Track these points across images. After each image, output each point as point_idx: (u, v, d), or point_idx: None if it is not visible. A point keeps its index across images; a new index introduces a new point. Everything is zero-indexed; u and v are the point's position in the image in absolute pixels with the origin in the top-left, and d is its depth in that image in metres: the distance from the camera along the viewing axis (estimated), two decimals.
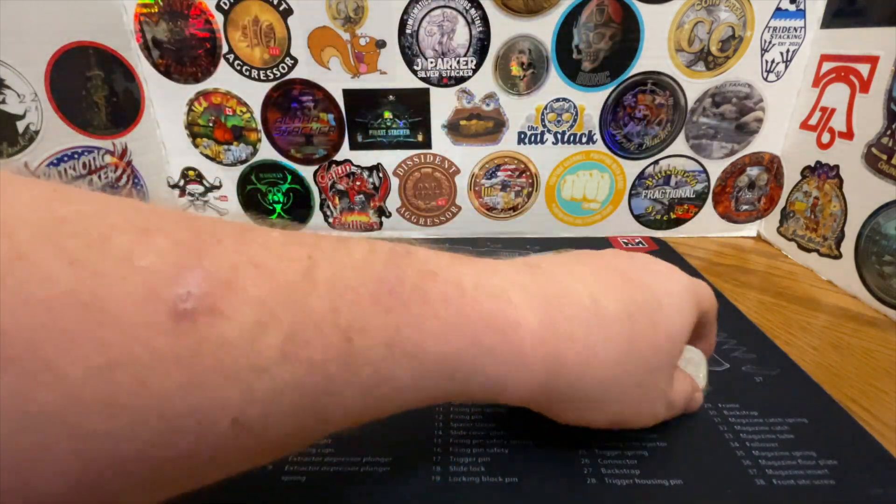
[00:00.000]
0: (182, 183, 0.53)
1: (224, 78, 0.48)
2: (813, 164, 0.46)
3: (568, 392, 0.20)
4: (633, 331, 0.20)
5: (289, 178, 0.52)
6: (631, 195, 0.53)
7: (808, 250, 0.46)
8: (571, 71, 0.47)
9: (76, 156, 0.42)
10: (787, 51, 0.46)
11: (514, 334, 0.18)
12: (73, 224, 0.12)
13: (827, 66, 0.44)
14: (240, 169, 0.52)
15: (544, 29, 0.45)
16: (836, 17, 0.43)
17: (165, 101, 0.49)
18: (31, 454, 0.11)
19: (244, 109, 0.49)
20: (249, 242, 0.14)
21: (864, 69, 0.40)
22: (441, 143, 0.50)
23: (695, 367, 0.27)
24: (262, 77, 0.48)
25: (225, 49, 0.47)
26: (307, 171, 0.52)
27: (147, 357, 0.12)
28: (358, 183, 0.52)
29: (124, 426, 0.12)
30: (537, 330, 0.19)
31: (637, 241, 0.52)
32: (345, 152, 0.51)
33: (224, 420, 0.13)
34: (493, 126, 0.50)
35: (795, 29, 0.45)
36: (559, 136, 0.50)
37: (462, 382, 0.18)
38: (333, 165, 0.52)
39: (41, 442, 0.11)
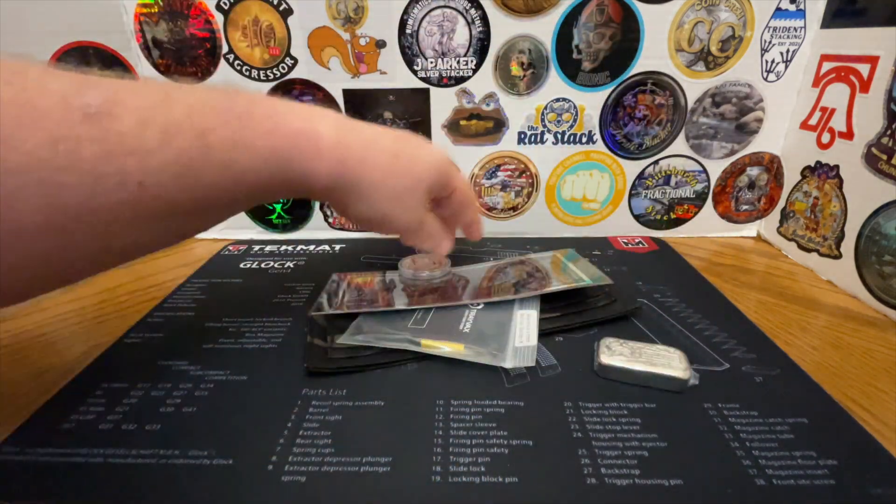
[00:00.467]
0: None
1: (224, 78, 0.48)
2: (813, 164, 0.46)
3: (354, 183, 0.30)
4: (397, 160, 0.31)
5: None
6: (631, 195, 0.53)
7: (808, 250, 0.46)
8: (571, 71, 0.47)
9: None
10: (787, 51, 0.46)
11: (315, 139, 0.28)
12: (7, 70, 0.19)
13: (827, 66, 0.44)
14: None
15: (544, 29, 0.45)
16: (836, 17, 0.43)
17: None
18: (15, 195, 0.18)
19: None
20: (125, 82, 0.22)
21: (864, 69, 0.40)
22: (441, 143, 0.50)
23: (678, 361, 0.30)
24: (262, 77, 0.48)
25: (225, 49, 0.47)
26: None
27: (74, 136, 0.19)
28: None
29: (73, 181, 0.19)
30: (331, 140, 0.28)
31: (637, 240, 0.52)
32: None
33: (133, 181, 0.21)
34: (493, 126, 0.50)
35: (795, 29, 0.45)
36: (559, 136, 0.50)
37: (283, 168, 0.27)
38: None
39: (21, 185, 0.19)
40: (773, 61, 0.46)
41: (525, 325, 0.33)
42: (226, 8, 0.45)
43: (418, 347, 0.31)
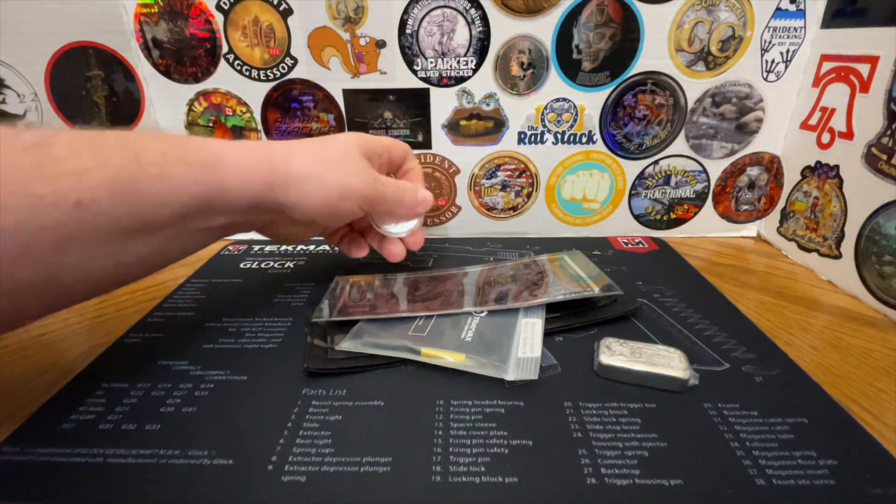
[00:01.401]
0: None
1: (224, 78, 0.48)
2: (813, 164, 0.46)
3: (289, 174, 0.31)
4: (320, 142, 0.34)
5: None
6: (631, 195, 0.53)
7: (808, 250, 0.46)
8: (571, 71, 0.47)
9: None
10: (787, 51, 0.46)
11: (243, 150, 0.30)
12: None
13: (827, 66, 0.44)
14: None
15: (544, 29, 0.45)
16: (836, 17, 0.43)
17: (165, 101, 0.49)
18: None
19: (244, 109, 0.49)
20: (58, 131, 0.24)
21: (864, 69, 0.40)
22: (441, 143, 0.50)
23: (678, 361, 0.30)
24: (262, 77, 0.48)
25: (225, 49, 0.47)
26: None
27: (17, 163, 0.21)
28: None
29: (14, 202, 0.21)
30: (255, 149, 0.31)
31: (637, 240, 0.52)
32: None
33: (70, 201, 0.22)
34: (493, 126, 0.50)
35: (795, 29, 0.45)
36: (559, 136, 0.50)
37: (219, 176, 0.28)
38: None
39: None
40: (773, 61, 0.46)
41: (529, 335, 0.33)
42: (226, 8, 0.45)
43: (419, 356, 0.31)
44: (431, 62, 0.47)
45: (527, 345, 0.32)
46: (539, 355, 0.31)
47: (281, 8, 0.45)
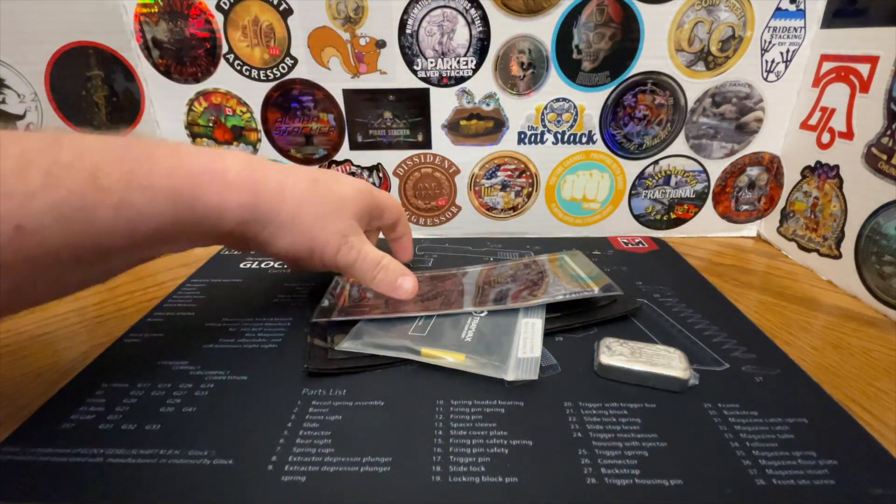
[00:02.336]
0: None
1: (224, 78, 0.48)
2: (813, 164, 0.46)
3: (272, 214, 0.29)
4: (316, 185, 0.31)
5: None
6: (631, 195, 0.53)
7: (808, 250, 0.46)
8: (571, 71, 0.47)
9: None
10: (787, 51, 0.46)
11: (222, 173, 0.27)
12: None
13: (827, 66, 0.44)
14: None
15: (544, 29, 0.45)
16: (836, 17, 0.43)
17: (165, 101, 0.49)
18: None
19: (244, 109, 0.49)
20: (9, 131, 0.21)
21: (864, 69, 0.40)
22: (441, 143, 0.50)
23: (678, 361, 0.30)
24: (262, 77, 0.48)
25: (225, 49, 0.47)
26: None
27: None
28: None
29: None
30: (241, 171, 0.28)
31: (637, 240, 0.52)
32: (345, 152, 0.51)
33: (9, 225, 0.20)
34: (493, 126, 0.50)
35: (795, 29, 0.45)
36: (559, 136, 0.50)
37: (188, 207, 0.26)
38: (333, 165, 0.52)
39: None
40: (773, 61, 0.46)
41: (529, 335, 0.33)
42: (226, 8, 0.45)
43: (418, 357, 0.31)
44: (431, 62, 0.47)
45: (527, 345, 0.32)
46: (539, 355, 0.31)
47: (281, 8, 0.45)
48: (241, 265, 0.46)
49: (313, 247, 0.31)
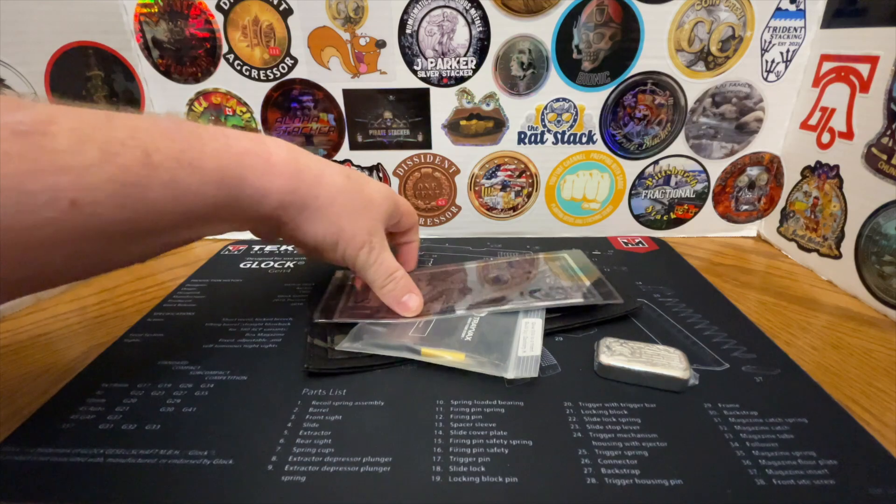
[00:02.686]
0: None
1: (224, 78, 0.48)
2: (813, 164, 0.46)
3: (309, 199, 0.30)
4: (350, 181, 0.32)
5: None
6: (631, 195, 0.53)
7: (808, 250, 0.46)
8: (571, 71, 0.47)
9: None
10: (787, 51, 0.46)
11: (266, 156, 0.28)
12: None
13: (827, 66, 0.44)
14: None
15: (544, 29, 0.45)
16: (836, 17, 0.43)
17: (165, 101, 0.49)
18: None
19: (244, 109, 0.49)
20: (63, 107, 0.21)
21: (864, 69, 0.40)
22: (441, 143, 0.50)
23: (678, 361, 0.30)
24: (262, 77, 0.48)
25: (225, 49, 0.47)
26: None
27: (7, 152, 0.19)
28: None
29: None
30: (283, 156, 0.29)
31: (637, 240, 0.52)
32: (345, 152, 0.51)
33: (64, 199, 0.20)
34: (493, 126, 0.50)
35: (795, 29, 0.45)
36: (559, 136, 0.50)
37: (234, 188, 0.27)
38: None
39: None
40: (773, 61, 0.46)
41: (529, 334, 0.33)
42: (226, 8, 0.45)
43: (419, 356, 0.31)
44: (431, 62, 0.47)
45: (527, 344, 0.32)
46: (539, 353, 0.31)
47: (281, 8, 0.45)
48: (241, 265, 0.46)
49: (340, 239, 0.32)
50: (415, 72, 0.47)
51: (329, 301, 0.37)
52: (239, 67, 0.47)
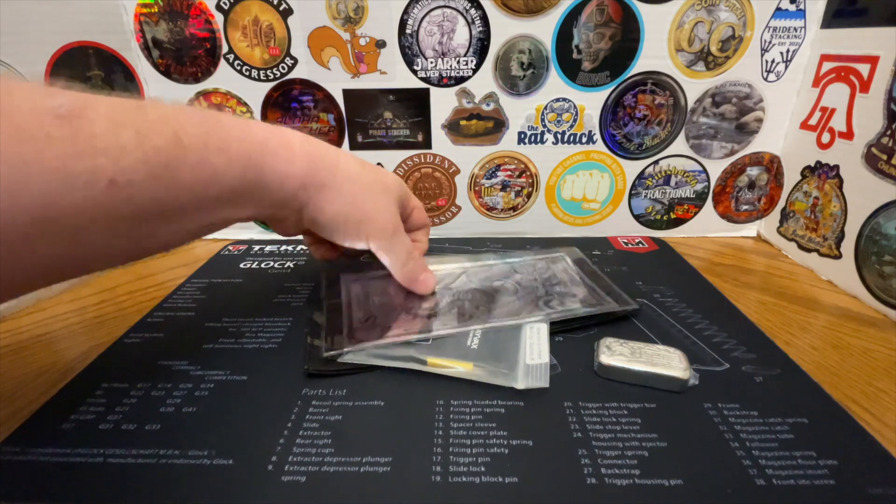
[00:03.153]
0: None
1: (224, 78, 0.48)
2: (813, 164, 0.46)
3: (327, 178, 0.31)
4: (364, 168, 0.33)
5: None
6: (631, 195, 0.53)
7: (808, 250, 0.46)
8: (571, 71, 0.47)
9: None
10: (787, 51, 0.46)
11: (286, 143, 0.30)
12: None
13: (827, 66, 0.44)
14: None
15: (544, 29, 0.45)
16: (836, 17, 0.43)
17: None
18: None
19: (244, 109, 0.49)
20: (95, 95, 0.22)
21: (864, 69, 0.40)
22: (441, 143, 0.50)
23: (678, 361, 0.30)
24: (262, 77, 0.48)
25: (225, 49, 0.47)
26: None
27: (43, 135, 0.19)
28: None
29: (37, 179, 0.19)
30: (302, 142, 0.31)
31: (637, 240, 0.52)
32: None
33: (103, 180, 0.21)
34: (493, 126, 0.50)
35: (795, 29, 0.45)
36: (559, 136, 0.50)
37: (257, 172, 0.28)
38: None
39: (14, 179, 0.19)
40: (773, 61, 0.46)
41: (535, 340, 0.32)
42: (226, 8, 0.45)
43: (424, 366, 0.31)
44: (431, 62, 0.47)
45: (534, 350, 0.31)
46: (547, 360, 0.30)
47: (281, 8, 0.45)
48: (242, 265, 0.46)
49: (362, 218, 0.33)
50: (415, 72, 0.47)
51: (331, 327, 0.34)
52: (239, 67, 0.47)
